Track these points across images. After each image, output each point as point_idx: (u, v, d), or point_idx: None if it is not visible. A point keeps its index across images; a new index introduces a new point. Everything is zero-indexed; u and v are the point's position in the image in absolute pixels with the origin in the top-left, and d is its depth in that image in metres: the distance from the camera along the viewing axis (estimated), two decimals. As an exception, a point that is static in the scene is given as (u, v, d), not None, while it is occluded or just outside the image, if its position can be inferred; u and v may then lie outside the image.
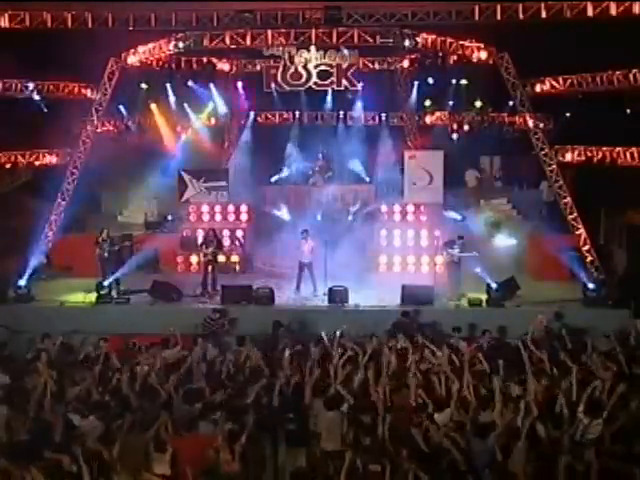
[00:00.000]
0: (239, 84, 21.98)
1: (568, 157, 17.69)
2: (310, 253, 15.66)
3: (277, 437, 8.84)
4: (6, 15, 15.68)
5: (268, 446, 8.84)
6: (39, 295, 15.75)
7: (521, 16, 15.06)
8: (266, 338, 12.49)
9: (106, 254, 15.88)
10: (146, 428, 8.15)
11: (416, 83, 21.18)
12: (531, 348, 10.76)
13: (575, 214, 16.57)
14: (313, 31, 16.33)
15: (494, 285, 14.90)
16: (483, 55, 16.26)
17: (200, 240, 17.08)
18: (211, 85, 21.45)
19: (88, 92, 18.23)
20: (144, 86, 19.95)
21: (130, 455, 7.69)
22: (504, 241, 17.73)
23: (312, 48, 17.54)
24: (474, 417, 8.56)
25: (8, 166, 17.40)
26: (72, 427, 8.35)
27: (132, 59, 17.29)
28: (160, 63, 18.57)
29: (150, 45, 17.12)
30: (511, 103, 17.95)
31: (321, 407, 8.79)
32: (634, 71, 15.58)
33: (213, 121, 22.38)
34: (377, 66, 21.37)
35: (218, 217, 18.97)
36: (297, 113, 22.17)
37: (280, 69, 18.11)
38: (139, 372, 10.08)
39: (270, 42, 16.84)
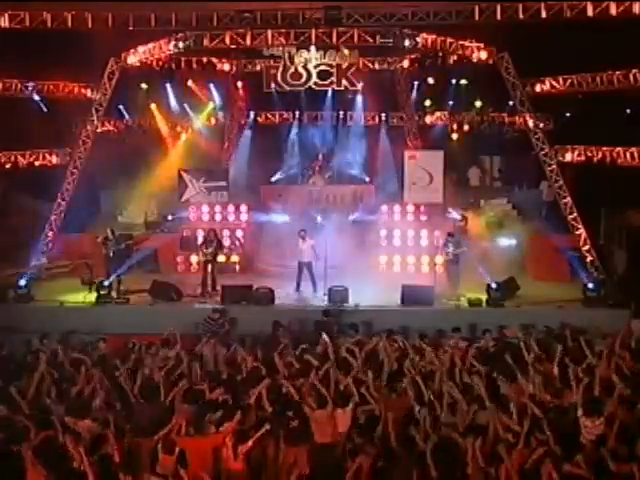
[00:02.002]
0: (239, 84, 21.98)
1: (568, 157, 17.65)
2: (309, 253, 15.66)
3: (279, 436, 8.86)
4: (6, 15, 15.65)
5: (270, 445, 8.86)
6: (39, 295, 15.74)
7: (521, 16, 15.04)
8: (266, 338, 12.49)
9: (111, 253, 15.87)
10: (154, 430, 8.15)
11: (416, 83, 21.20)
12: (531, 348, 10.77)
13: (575, 214, 16.57)
14: (313, 31, 16.33)
15: (494, 285, 14.89)
16: (483, 55, 16.26)
17: (200, 240, 17.07)
18: (211, 85, 21.45)
19: (88, 92, 18.19)
20: (144, 86, 19.97)
21: (134, 457, 7.71)
22: (504, 241, 17.73)
23: (312, 48, 17.53)
24: (474, 417, 8.56)
25: (8, 166, 17.37)
26: (67, 429, 8.35)
27: (132, 59, 17.29)
28: (160, 63, 18.54)
29: (150, 45, 17.12)
30: (511, 103, 17.96)
31: (312, 405, 8.91)
32: (634, 71, 15.57)
33: (213, 121, 22.38)
34: (377, 66, 21.35)
35: (218, 217, 18.97)
36: (297, 113, 22.14)
37: (280, 69, 18.10)
38: (141, 373, 10.10)
39: (270, 42, 16.83)
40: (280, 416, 8.86)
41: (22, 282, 15.65)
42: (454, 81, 20.44)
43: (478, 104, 20.95)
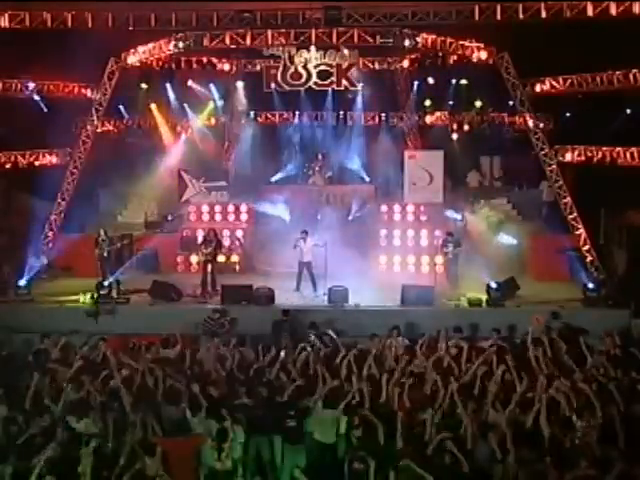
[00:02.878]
0: (239, 84, 21.98)
1: (568, 157, 17.68)
2: (309, 253, 15.66)
3: (273, 436, 8.87)
4: (6, 15, 15.70)
5: (265, 444, 8.87)
6: (39, 295, 15.74)
7: (521, 16, 15.08)
8: (266, 338, 12.50)
9: (105, 254, 15.88)
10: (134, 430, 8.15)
11: (416, 83, 21.17)
12: (531, 348, 10.76)
13: (575, 214, 16.59)
14: (313, 31, 16.38)
15: (494, 285, 14.89)
16: (483, 55, 16.30)
17: (200, 240, 17.07)
18: (211, 85, 21.45)
19: (88, 92, 18.22)
20: (144, 86, 19.96)
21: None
22: (504, 241, 17.74)
23: (312, 48, 17.54)
24: (480, 417, 8.56)
25: (8, 166, 17.38)
26: (70, 429, 8.36)
27: (132, 59, 17.32)
28: (160, 63, 18.58)
29: (150, 45, 17.16)
30: (511, 103, 17.97)
31: (316, 405, 8.89)
32: (634, 71, 15.58)
33: (213, 121, 22.38)
34: (377, 66, 21.38)
35: (218, 217, 18.98)
36: (297, 113, 22.14)
37: (280, 69, 18.10)
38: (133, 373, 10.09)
39: (270, 42, 16.87)
40: (278, 416, 8.86)
41: (22, 282, 15.66)
42: (454, 81, 20.42)
43: (478, 104, 20.94)
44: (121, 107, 20.27)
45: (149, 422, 8.37)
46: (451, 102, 21.36)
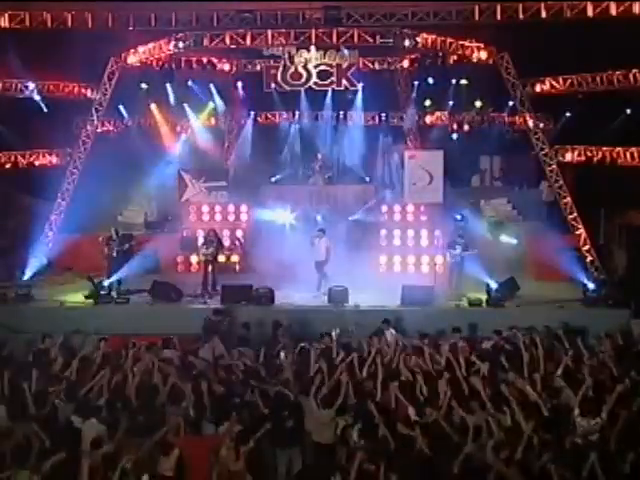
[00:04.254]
0: (239, 84, 21.98)
1: (568, 157, 17.70)
2: (325, 252, 15.65)
3: (276, 437, 8.86)
4: (6, 15, 15.71)
5: (268, 446, 8.87)
6: (39, 295, 15.73)
7: (521, 16, 15.09)
8: (266, 338, 12.51)
9: (114, 254, 15.86)
10: (152, 430, 8.14)
11: (416, 83, 21.16)
12: (528, 349, 10.77)
13: (575, 214, 16.60)
14: (313, 31, 16.39)
15: (494, 285, 14.89)
16: (483, 55, 16.31)
17: (200, 240, 17.07)
18: (211, 85, 21.46)
19: (88, 92, 18.24)
20: (144, 86, 19.95)
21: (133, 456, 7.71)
22: (504, 241, 17.74)
23: (312, 48, 17.56)
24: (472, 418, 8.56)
25: (8, 166, 17.39)
26: (73, 429, 8.35)
27: (132, 59, 17.33)
28: (160, 63, 18.58)
29: (150, 45, 17.18)
30: (511, 103, 17.98)
31: (313, 405, 8.88)
32: (634, 71, 15.61)
33: (213, 121, 22.38)
34: (377, 66, 21.34)
35: (218, 217, 18.96)
36: (297, 113, 22.13)
37: (280, 69, 18.13)
38: (141, 373, 10.09)
39: (270, 42, 16.89)
40: (275, 416, 8.87)
41: (22, 282, 15.65)
42: (454, 81, 20.42)
43: (478, 104, 20.93)
44: (121, 107, 20.27)
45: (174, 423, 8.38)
46: (451, 102, 21.34)
